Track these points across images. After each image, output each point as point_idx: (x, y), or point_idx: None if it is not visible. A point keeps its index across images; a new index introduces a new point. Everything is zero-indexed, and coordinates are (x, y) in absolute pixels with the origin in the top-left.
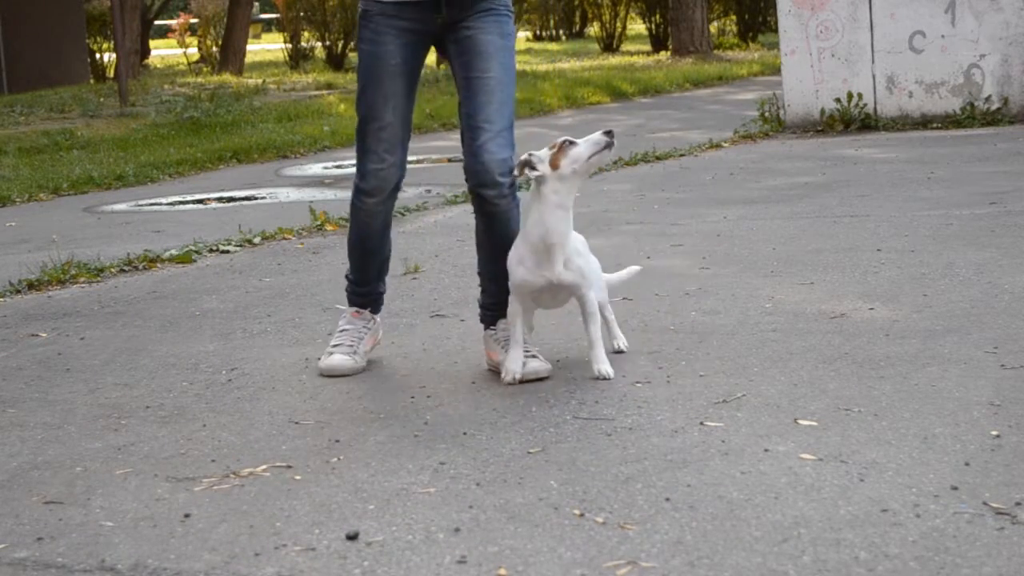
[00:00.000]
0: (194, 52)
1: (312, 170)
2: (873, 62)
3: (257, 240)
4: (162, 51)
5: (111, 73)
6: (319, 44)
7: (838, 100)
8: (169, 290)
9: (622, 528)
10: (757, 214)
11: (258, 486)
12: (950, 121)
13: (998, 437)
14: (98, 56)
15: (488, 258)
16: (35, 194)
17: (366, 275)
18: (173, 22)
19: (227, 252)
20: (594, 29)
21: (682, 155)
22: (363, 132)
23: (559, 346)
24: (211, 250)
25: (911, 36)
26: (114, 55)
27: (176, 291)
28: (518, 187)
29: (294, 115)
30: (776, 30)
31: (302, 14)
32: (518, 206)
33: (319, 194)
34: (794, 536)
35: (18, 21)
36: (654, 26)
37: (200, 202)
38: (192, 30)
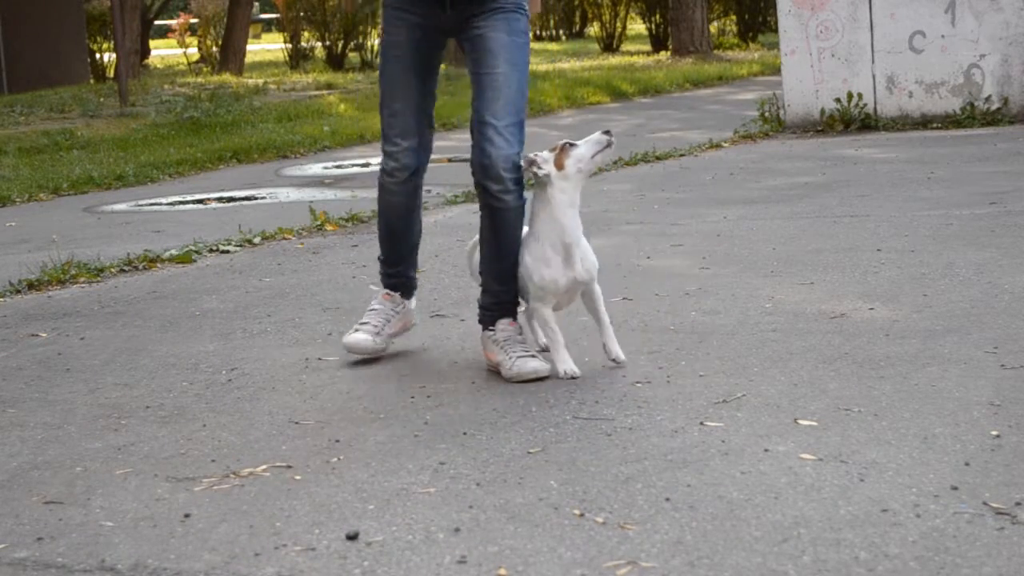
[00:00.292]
0: (194, 52)
1: (312, 170)
2: (873, 62)
3: (257, 240)
4: (162, 51)
5: (111, 73)
6: (319, 44)
7: (838, 100)
8: (169, 290)
9: (622, 528)
10: (757, 214)
11: (258, 486)
12: (950, 121)
13: (998, 437)
14: (98, 56)
15: (492, 256)
16: (35, 194)
17: (393, 256)
18: (173, 22)
19: (227, 252)
20: (594, 29)
21: (682, 155)
22: (381, 115)
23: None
24: (211, 250)
25: (911, 36)
26: (114, 55)
27: (176, 291)
28: (524, 185)
29: (294, 115)
30: (776, 30)
31: (302, 14)
32: (524, 205)
33: (319, 194)
34: (794, 536)
35: (18, 21)
36: (654, 26)
37: (200, 202)
38: (192, 30)
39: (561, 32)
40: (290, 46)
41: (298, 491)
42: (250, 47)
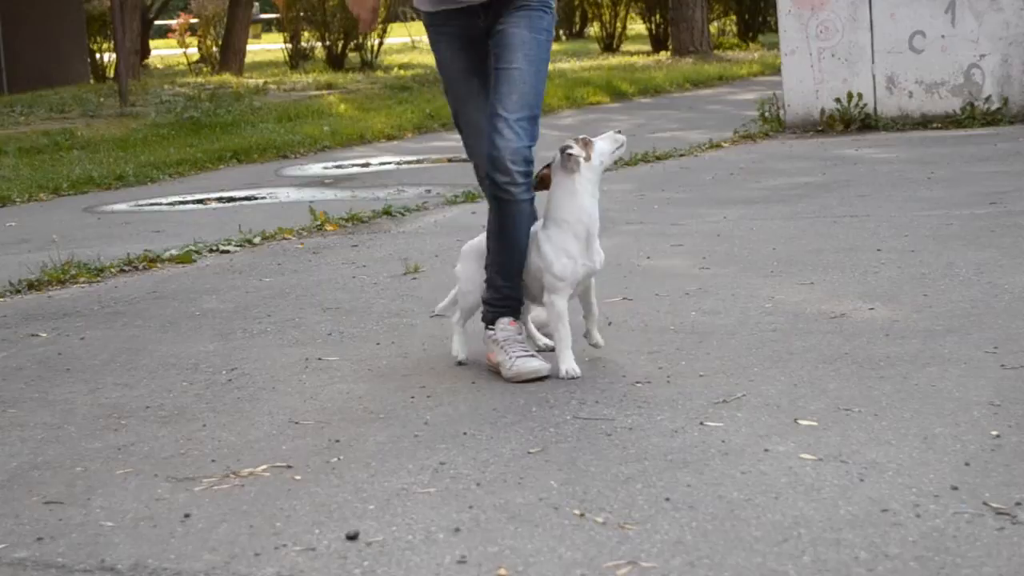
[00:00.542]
0: (194, 52)
1: (312, 170)
2: (873, 62)
3: (257, 240)
4: (162, 51)
5: (111, 73)
6: (319, 44)
7: (838, 100)
8: (169, 290)
9: (622, 528)
10: (757, 214)
11: (258, 486)
12: (950, 121)
13: (998, 437)
14: (98, 56)
15: (498, 251)
16: (35, 194)
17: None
18: (173, 22)
19: (227, 252)
20: (594, 29)
21: (682, 155)
22: (456, 125)
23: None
24: (211, 250)
25: (911, 36)
26: (114, 55)
27: (176, 291)
28: (532, 183)
29: (294, 115)
30: (776, 30)
31: (302, 14)
32: (531, 202)
33: (319, 194)
34: (794, 536)
35: (18, 21)
36: (654, 26)
37: (200, 202)
38: (192, 30)
39: (561, 32)
40: (290, 46)
41: (298, 491)
42: (250, 47)
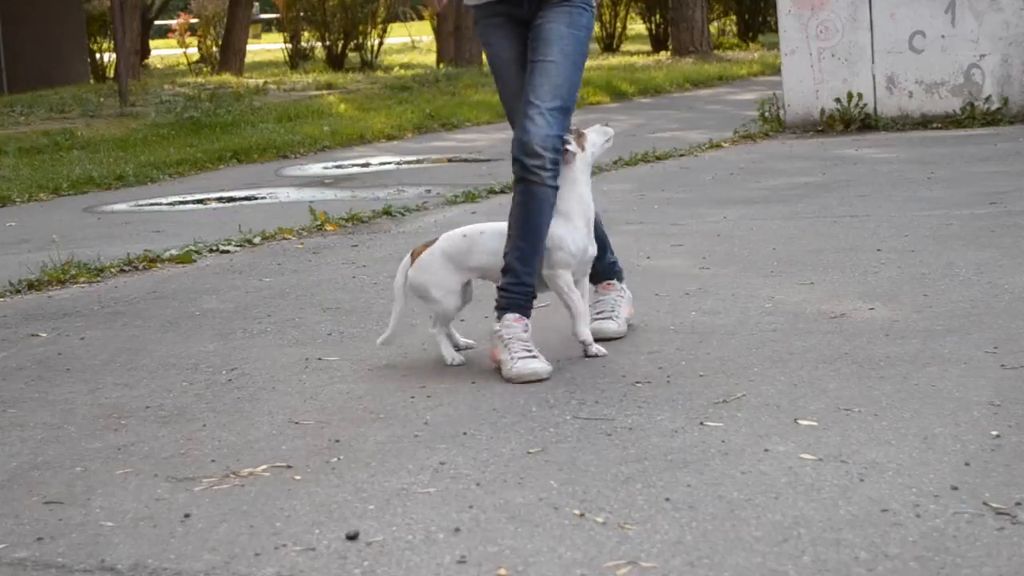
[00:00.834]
0: (194, 52)
1: (312, 170)
2: (873, 62)
3: (257, 240)
4: (162, 51)
5: (111, 73)
6: (319, 44)
7: (838, 100)
8: (169, 290)
9: (622, 528)
10: (757, 214)
11: (258, 486)
12: (950, 121)
13: (998, 437)
14: (98, 56)
15: (518, 235)
16: (35, 194)
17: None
18: (173, 22)
19: (227, 252)
20: (594, 29)
21: (682, 155)
22: (508, 118)
23: (558, 346)
24: (211, 250)
25: (911, 36)
26: (114, 55)
27: (176, 291)
28: (558, 174)
29: (294, 115)
30: (776, 30)
31: (302, 14)
32: (556, 191)
33: (319, 194)
34: (794, 536)
35: (18, 21)
36: (654, 26)
37: (200, 202)
38: (192, 30)
39: None
40: (290, 46)
41: (298, 491)
42: (250, 47)
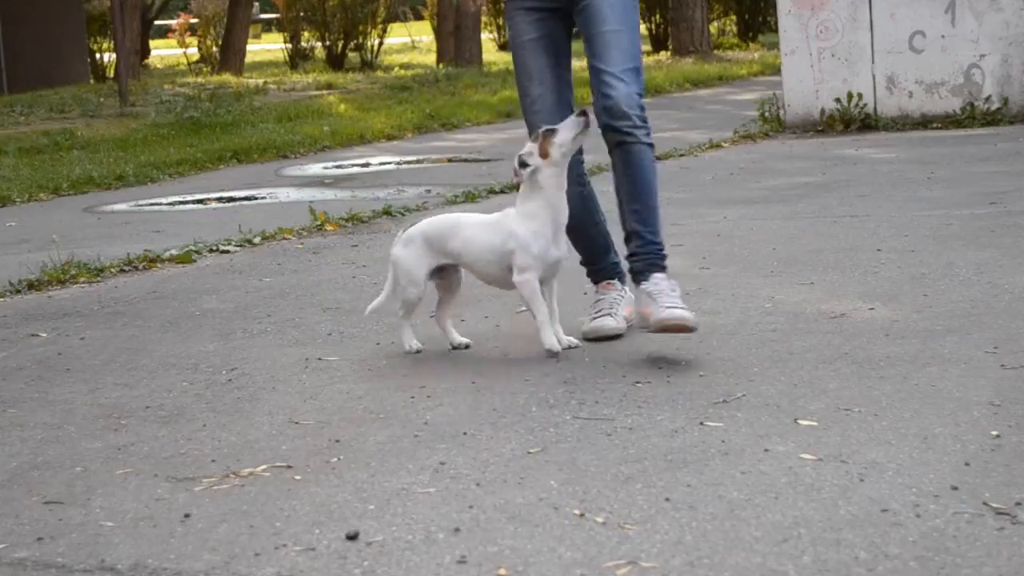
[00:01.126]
0: (194, 52)
1: (312, 170)
2: (873, 62)
3: (257, 240)
4: (162, 51)
5: (111, 73)
6: (319, 44)
7: (838, 100)
8: (169, 290)
9: (622, 528)
10: (757, 214)
11: (258, 486)
12: (950, 121)
13: (998, 437)
14: (98, 56)
15: (631, 198)
16: (35, 194)
17: (591, 254)
18: (173, 22)
19: (227, 252)
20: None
21: (682, 155)
22: (523, 112)
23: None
24: (211, 250)
25: (911, 36)
26: (114, 55)
27: (176, 291)
28: (650, 129)
29: (294, 115)
30: (776, 30)
31: (302, 14)
32: (652, 147)
33: (319, 194)
34: (794, 536)
35: (18, 21)
36: (654, 26)
37: (200, 202)
38: (192, 30)
39: None
40: (290, 46)
41: (298, 491)
42: (250, 47)
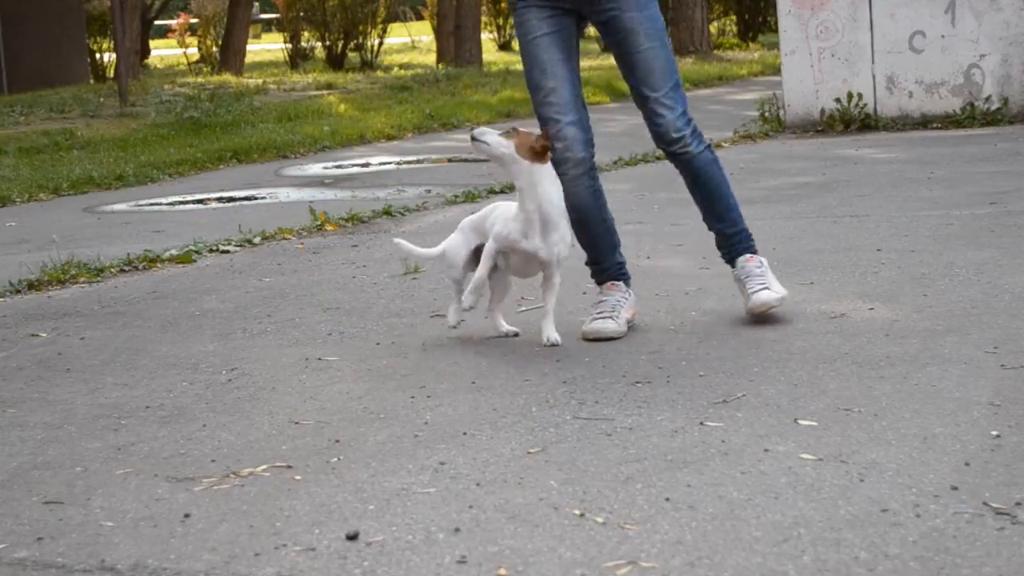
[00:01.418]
0: (194, 52)
1: (312, 170)
2: (873, 62)
3: (257, 240)
4: (162, 51)
5: (111, 73)
6: (319, 44)
7: (838, 100)
8: (169, 290)
9: (622, 528)
10: (757, 214)
11: (258, 486)
12: (950, 121)
13: (998, 437)
14: (98, 56)
15: (706, 202)
16: (35, 194)
17: (596, 252)
18: (173, 22)
19: (227, 252)
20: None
21: None
22: (535, 107)
23: (558, 347)
24: (211, 250)
25: (911, 36)
26: (114, 55)
27: (176, 291)
28: (701, 136)
29: (294, 115)
30: (776, 30)
31: (302, 14)
32: (709, 148)
33: (319, 194)
34: (794, 536)
35: (18, 21)
36: None
37: (200, 202)
38: (192, 30)
39: None
40: (290, 46)
41: (298, 491)
42: (250, 47)
